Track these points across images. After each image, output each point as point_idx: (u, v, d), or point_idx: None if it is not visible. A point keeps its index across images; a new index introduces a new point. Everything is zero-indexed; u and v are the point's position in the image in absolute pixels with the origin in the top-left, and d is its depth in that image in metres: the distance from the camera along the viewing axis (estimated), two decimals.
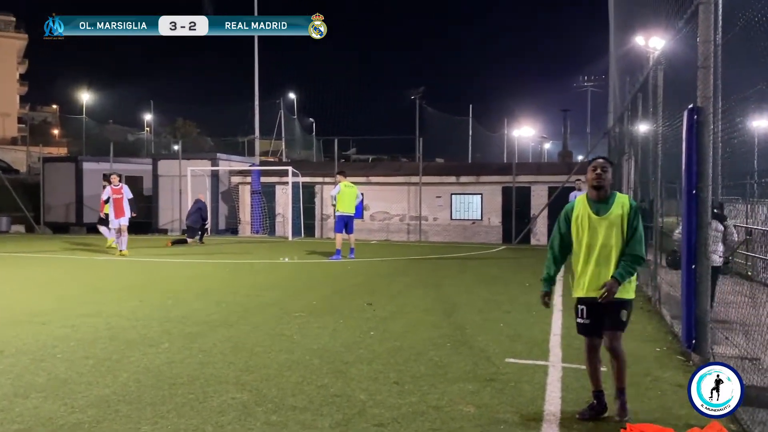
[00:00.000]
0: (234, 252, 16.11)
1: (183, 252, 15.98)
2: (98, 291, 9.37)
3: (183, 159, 23.02)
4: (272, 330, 6.76)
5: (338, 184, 14.14)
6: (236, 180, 23.00)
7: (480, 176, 20.89)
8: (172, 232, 22.89)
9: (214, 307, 8.00)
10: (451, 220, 21.18)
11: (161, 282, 10.47)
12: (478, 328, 6.92)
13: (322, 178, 22.34)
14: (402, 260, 14.65)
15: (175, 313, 7.64)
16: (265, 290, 9.51)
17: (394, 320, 7.33)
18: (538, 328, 6.98)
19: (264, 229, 22.31)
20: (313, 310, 7.86)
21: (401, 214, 21.71)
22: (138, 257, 14.54)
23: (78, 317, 7.33)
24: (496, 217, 20.61)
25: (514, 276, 11.59)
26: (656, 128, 8.22)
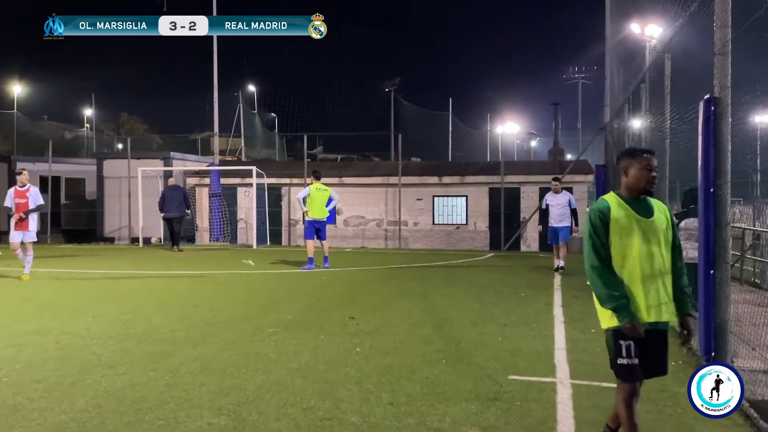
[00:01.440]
0: (192, 262, 16.00)
1: (131, 263, 15.79)
2: (44, 306, 9.22)
3: (132, 158, 22.74)
4: (245, 348, 6.71)
5: (307, 187, 14.09)
6: (192, 181, 22.75)
7: (465, 176, 20.98)
8: (120, 241, 22.57)
9: (177, 323, 7.93)
10: (434, 224, 21.23)
11: (115, 296, 10.35)
12: (475, 343, 6.95)
13: (289, 179, 22.23)
14: (382, 269, 14.66)
15: (134, 329, 7.55)
16: (232, 304, 9.47)
17: (381, 335, 7.33)
18: (540, 341, 7.04)
19: (225, 236, 22.11)
20: (288, 326, 7.82)
21: (378, 219, 21.71)
22: (85, 269, 14.31)
23: (23, 336, 7.18)
24: (483, 222, 20.72)
25: (507, 286, 11.69)
26: (663, 122, 8.37)
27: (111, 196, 22.84)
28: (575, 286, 11.48)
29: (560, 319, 8.23)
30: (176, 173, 23.06)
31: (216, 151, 23.90)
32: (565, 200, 13.32)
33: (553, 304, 9.59)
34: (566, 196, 13.45)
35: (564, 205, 13.29)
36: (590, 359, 6.28)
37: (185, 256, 17.56)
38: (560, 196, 13.40)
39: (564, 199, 13.34)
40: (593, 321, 8.06)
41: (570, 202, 13.37)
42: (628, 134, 13.15)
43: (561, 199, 13.37)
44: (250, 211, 21.51)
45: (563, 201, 13.32)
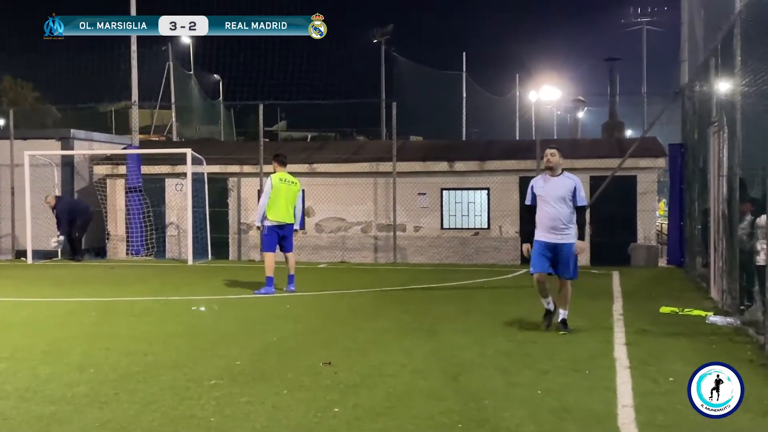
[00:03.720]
0: (101, 284, 15.88)
1: (13, 286, 15.62)
2: None
3: (17, 139, 22.64)
4: (173, 409, 6.59)
5: (268, 178, 14.08)
6: (102, 171, 22.64)
7: (486, 161, 20.97)
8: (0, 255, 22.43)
9: (76, 374, 7.83)
10: (442, 229, 21.19)
11: None
12: (503, 398, 6.90)
13: (239, 166, 22.15)
14: (370, 293, 14.57)
15: (13, 384, 7.42)
16: (157, 345, 9.39)
17: (370, 389, 7.26)
18: (596, 396, 6.99)
19: (148, 248, 22.01)
20: (237, 376, 7.75)
21: (364, 222, 21.63)
22: None
23: None
24: (512, 225, 20.68)
25: None
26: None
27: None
28: (644, 315, 11.39)
29: (624, 364, 8.16)
30: (77, 161, 22.88)
31: (135, 127, 23.75)
32: (566, 189, 9.84)
33: (614, 341, 9.53)
34: (569, 181, 9.92)
35: (564, 198, 9.85)
36: (669, 421, 6.20)
37: (91, 278, 17.42)
38: (558, 181, 9.92)
39: (565, 187, 9.85)
40: (671, 364, 8.05)
41: (575, 192, 9.82)
42: (715, 101, 13.06)
43: (559, 187, 9.88)
44: (183, 213, 21.39)
45: (563, 190, 9.84)
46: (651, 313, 11.63)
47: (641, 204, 20.05)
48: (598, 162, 20.36)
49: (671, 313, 11.62)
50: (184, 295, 14.14)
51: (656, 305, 12.25)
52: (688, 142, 18.39)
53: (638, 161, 19.93)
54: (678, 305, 12.11)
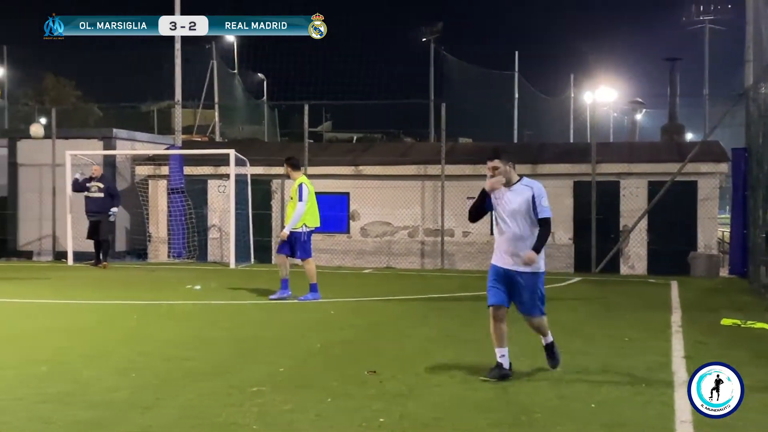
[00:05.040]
0: (142, 287, 16.01)
1: (53, 288, 15.81)
2: None
3: (59, 138, 22.87)
4: (215, 416, 6.64)
5: (302, 185, 13.82)
6: (144, 171, 22.87)
7: (538, 164, 20.84)
8: (39, 256, 22.78)
9: (117, 378, 7.93)
10: (492, 235, 20.99)
11: (27, 337, 10.36)
12: (554, 411, 6.86)
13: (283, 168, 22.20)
14: (417, 301, 14.55)
15: (55, 387, 7.52)
16: (198, 350, 9.47)
17: (416, 399, 7.25)
18: (653, 410, 6.93)
19: (189, 251, 22.19)
20: (279, 383, 7.79)
21: (411, 226, 21.61)
22: None
23: None
24: (565, 231, 20.55)
25: (602, 326, 11.52)
26: None
27: (28, 192, 23.04)
28: (704, 328, 11.25)
29: (683, 378, 8.02)
30: (119, 161, 23.17)
31: (178, 127, 23.96)
32: (523, 201, 8.06)
33: (672, 354, 9.42)
34: (526, 190, 8.10)
35: (523, 213, 8.08)
36: None
37: (133, 280, 17.60)
38: (513, 194, 8.10)
39: (521, 199, 8.07)
40: None
41: (535, 202, 8.05)
42: None
43: (514, 200, 8.09)
44: (226, 215, 21.52)
45: (520, 203, 8.06)
46: (711, 325, 11.47)
47: (702, 211, 19.77)
48: (656, 167, 20.16)
49: (733, 326, 11.45)
50: (226, 299, 14.25)
51: (717, 317, 12.06)
52: (752, 146, 18.09)
53: (699, 166, 19.65)
54: (740, 317, 11.92)
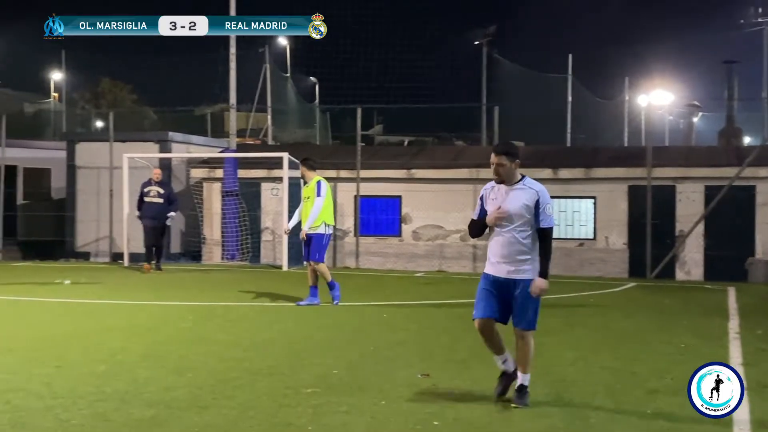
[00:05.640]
0: (197, 288, 16.18)
1: (110, 289, 16.05)
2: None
3: (116, 141, 23.12)
4: (272, 416, 6.71)
5: (320, 181, 13.59)
6: (199, 174, 23.09)
7: (592, 168, 20.72)
8: (97, 257, 23.06)
9: (174, 378, 8.04)
10: None
11: (85, 336, 10.52)
12: (610, 418, 6.81)
13: (336, 171, 22.31)
14: (469, 304, 14.37)
15: (114, 386, 7.64)
16: (253, 351, 9.57)
17: (469, 403, 7.26)
18: (711, 419, 6.77)
19: (243, 253, 22.33)
20: (333, 385, 7.85)
21: (463, 230, 21.51)
22: (45, 296, 14.60)
23: None
24: (620, 236, 20.39)
25: (657, 332, 11.43)
26: None
27: (86, 194, 23.33)
28: (763, 335, 11.14)
29: None
30: (175, 164, 23.40)
31: (233, 131, 24.14)
32: (525, 203, 7.22)
33: (729, 361, 9.30)
34: (530, 192, 7.29)
35: (522, 216, 7.23)
36: None
37: (187, 282, 17.79)
38: (515, 193, 7.27)
39: (523, 201, 7.23)
40: None
41: (539, 208, 7.22)
42: None
43: (516, 201, 7.25)
44: (279, 217, 21.64)
45: (521, 205, 7.22)
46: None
47: (760, 216, 19.46)
48: (714, 171, 19.90)
49: None
50: (279, 301, 14.35)
51: None
52: None
53: (758, 170, 19.38)
54: None
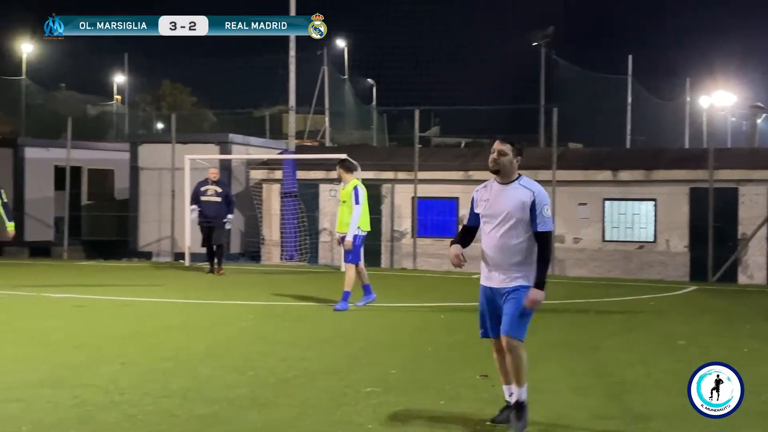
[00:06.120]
0: (256, 288, 16.35)
1: (172, 288, 16.30)
2: (56, 347, 9.64)
3: (178, 143, 23.39)
4: (331, 414, 6.78)
5: (357, 187, 13.38)
6: (258, 175, 23.31)
7: (652, 170, 20.55)
8: (159, 256, 23.39)
9: (235, 376, 8.15)
10: (604, 241, 20.85)
11: (150, 335, 10.72)
12: (671, 420, 6.77)
13: (393, 173, 22.40)
14: None
15: (177, 383, 7.78)
16: (312, 350, 9.66)
17: (529, 404, 7.10)
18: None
19: (301, 254, 22.48)
20: (392, 385, 7.88)
21: None
22: (109, 295, 14.88)
23: (29, 387, 7.54)
24: (680, 239, 20.21)
25: (718, 336, 11.36)
26: None
27: (149, 195, 23.71)
28: None
29: None
30: (234, 165, 23.64)
31: (292, 132, 24.34)
32: (519, 204, 6.50)
33: None
34: (525, 192, 6.53)
35: (515, 219, 6.51)
36: None
37: (247, 282, 17.96)
38: (508, 193, 6.54)
39: (517, 202, 6.51)
40: None
41: (534, 209, 6.48)
42: None
43: (509, 201, 6.53)
44: (336, 219, 21.75)
45: (515, 206, 6.50)
46: None
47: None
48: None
49: None
50: (337, 301, 14.41)
51: None
52: None
53: None
54: None
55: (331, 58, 41.40)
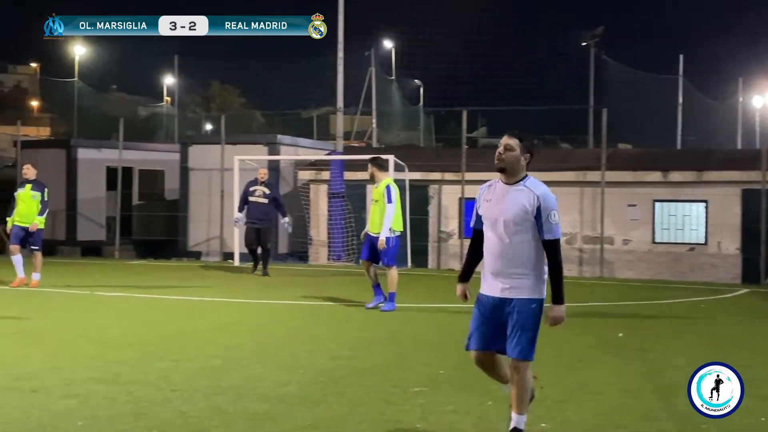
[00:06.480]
0: (304, 288, 16.49)
1: (221, 287, 16.47)
2: (110, 344, 9.83)
3: (227, 144, 23.64)
4: (380, 413, 6.84)
5: (390, 186, 13.18)
6: (306, 176, 23.44)
7: (704, 171, 20.36)
8: (208, 256, 23.64)
9: (285, 374, 8.25)
10: (654, 243, 20.69)
11: (200, 333, 10.90)
12: (721, 423, 6.59)
13: (441, 173, 22.41)
14: (575, 308, 14.37)
15: (229, 380, 7.90)
16: (360, 350, 9.74)
17: (577, 405, 7.26)
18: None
19: (348, 254, 22.58)
20: (440, 384, 7.92)
21: (569, 233, 21.38)
22: (160, 294, 15.13)
23: (84, 383, 7.71)
24: (732, 241, 20.02)
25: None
26: None
27: (198, 195, 24.00)
28: None
29: None
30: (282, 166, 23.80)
31: (340, 133, 24.45)
32: (523, 207, 5.88)
33: None
34: (529, 195, 5.90)
35: (519, 223, 5.89)
36: None
37: (295, 282, 18.09)
38: (513, 195, 5.94)
39: (521, 204, 5.89)
40: None
41: (540, 214, 5.85)
42: None
43: (513, 204, 5.92)
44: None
45: (519, 209, 5.89)
46: None
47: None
48: None
49: None
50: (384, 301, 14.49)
51: None
52: None
53: None
54: None
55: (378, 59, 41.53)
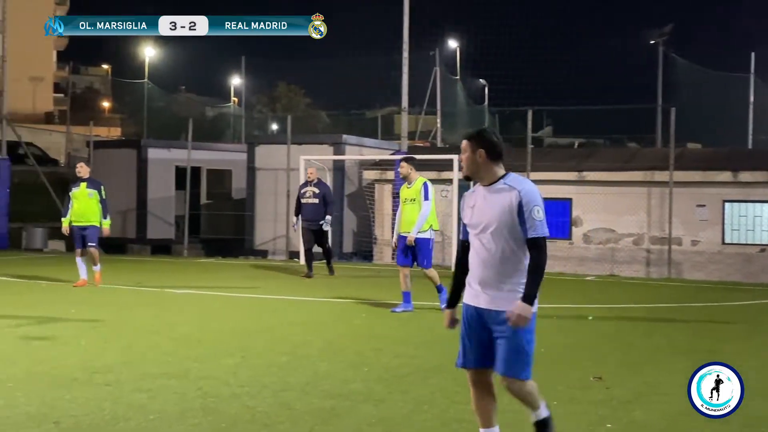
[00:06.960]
0: (368, 287, 16.57)
1: (288, 286, 16.67)
2: (181, 340, 10.07)
3: (293, 144, 23.85)
4: (444, 410, 6.89)
5: (426, 183, 12.84)
6: (371, 176, 23.54)
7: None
8: (274, 255, 23.90)
9: (350, 372, 8.35)
10: (724, 244, 20.35)
11: (267, 330, 11.08)
12: None
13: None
14: (642, 309, 14.30)
15: (295, 377, 8.03)
16: (424, 348, 9.79)
17: (644, 406, 7.22)
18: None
19: None
20: None
21: (636, 234, 21.16)
22: (229, 292, 15.37)
23: (155, 378, 7.91)
24: None
25: None
26: None
27: (264, 195, 24.31)
28: None
29: None
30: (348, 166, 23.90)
31: (404, 133, 24.48)
32: (504, 207, 5.41)
33: None
34: (510, 194, 5.46)
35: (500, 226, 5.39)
36: None
37: (359, 281, 18.22)
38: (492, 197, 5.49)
39: (501, 205, 5.43)
40: None
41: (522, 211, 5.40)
42: None
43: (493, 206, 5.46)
44: (447, 219, 21.83)
45: (499, 210, 5.41)
46: None
47: None
48: None
49: None
50: None
51: None
52: None
53: None
54: None
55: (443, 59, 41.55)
